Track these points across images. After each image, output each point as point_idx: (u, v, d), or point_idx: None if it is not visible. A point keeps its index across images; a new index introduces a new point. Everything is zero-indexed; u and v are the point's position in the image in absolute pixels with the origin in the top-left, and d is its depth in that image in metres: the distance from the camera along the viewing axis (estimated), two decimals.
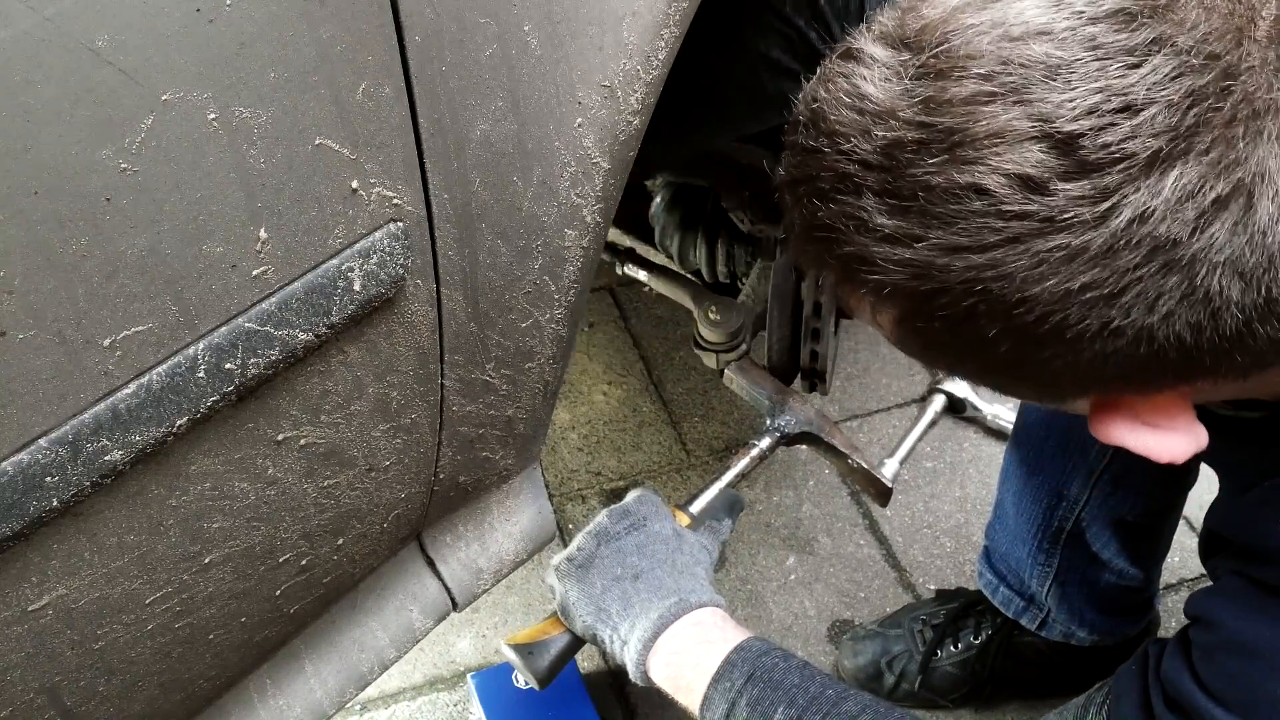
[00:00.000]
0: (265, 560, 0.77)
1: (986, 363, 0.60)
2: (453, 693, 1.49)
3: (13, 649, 0.63)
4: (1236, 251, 0.52)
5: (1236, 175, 0.51)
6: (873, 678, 1.49)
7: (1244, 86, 0.51)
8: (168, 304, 0.59)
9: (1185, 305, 0.53)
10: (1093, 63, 0.51)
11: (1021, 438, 1.33)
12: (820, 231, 0.59)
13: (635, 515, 1.02)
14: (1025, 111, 0.51)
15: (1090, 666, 1.40)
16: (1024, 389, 0.65)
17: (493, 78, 0.70)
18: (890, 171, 0.55)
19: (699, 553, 1.02)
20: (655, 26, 0.78)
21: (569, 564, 1.00)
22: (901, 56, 0.55)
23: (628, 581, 0.97)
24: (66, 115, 0.51)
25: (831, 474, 1.74)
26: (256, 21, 0.56)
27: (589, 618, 0.97)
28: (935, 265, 0.55)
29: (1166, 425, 0.62)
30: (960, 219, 0.53)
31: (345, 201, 0.65)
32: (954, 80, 0.53)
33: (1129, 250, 0.52)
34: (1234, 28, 0.51)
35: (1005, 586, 1.41)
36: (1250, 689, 0.69)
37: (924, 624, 1.50)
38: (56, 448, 0.57)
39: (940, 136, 0.53)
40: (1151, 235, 0.51)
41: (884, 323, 0.62)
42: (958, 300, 0.56)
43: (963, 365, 0.63)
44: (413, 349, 0.77)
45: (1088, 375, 0.57)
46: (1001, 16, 0.53)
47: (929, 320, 0.58)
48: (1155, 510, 1.27)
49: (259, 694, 0.90)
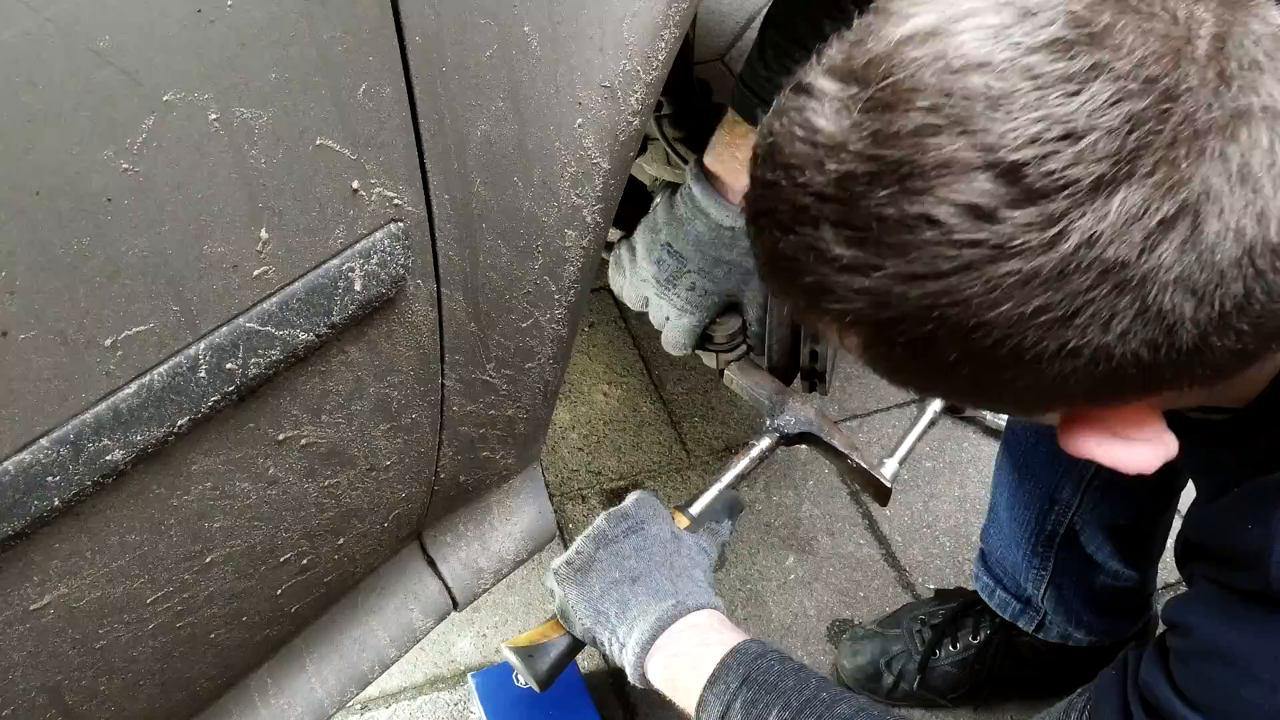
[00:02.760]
0: (266, 560, 0.77)
1: (952, 384, 0.61)
2: (453, 692, 1.49)
3: (14, 648, 0.63)
4: (1186, 270, 0.52)
5: (1181, 196, 0.52)
6: (872, 677, 1.49)
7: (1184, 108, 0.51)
8: (169, 304, 0.59)
9: (1139, 324, 0.54)
10: (1032, 92, 0.52)
11: (1012, 443, 1.33)
12: (783, 262, 0.61)
13: (634, 518, 1.03)
14: (970, 142, 0.52)
15: (1089, 666, 1.40)
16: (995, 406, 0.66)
17: (493, 78, 0.71)
18: (844, 203, 0.56)
19: (697, 555, 1.03)
20: (655, 27, 0.78)
21: (568, 567, 1.01)
22: (850, 90, 0.56)
23: (626, 585, 0.97)
24: (68, 116, 0.51)
25: (831, 474, 1.74)
26: (257, 22, 0.56)
27: (588, 621, 0.98)
28: (893, 293, 0.56)
29: (1136, 435, 0.63)
30: (914, 248, 0.55)
31: (346, 202, 0.65)
32: (900, 113, 0.54)
33: (1080, 273, 0.53)
34: (1172, 49, 0.52)
35: (1001, 589, 1.41)
36: (1225, 695, 0.70)
37: (923, 624, 1.50)
38: (58, 447, 0.57)
39: (890, 168, 0.54)
40: (1100, 259, 0.52)
41: (851, 347, 0.64)
42: (916, 326, 0.57)
43: (932, 387, 0.64)
44: (413, 349, 0.77)
45: (1051, 393, 0.58)
46: (943, 49, 0.54)
47: (891, 346, 0.59)
48: (1148, 514, 1.27)
49: (260, 693, 0.90)
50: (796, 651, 1.56)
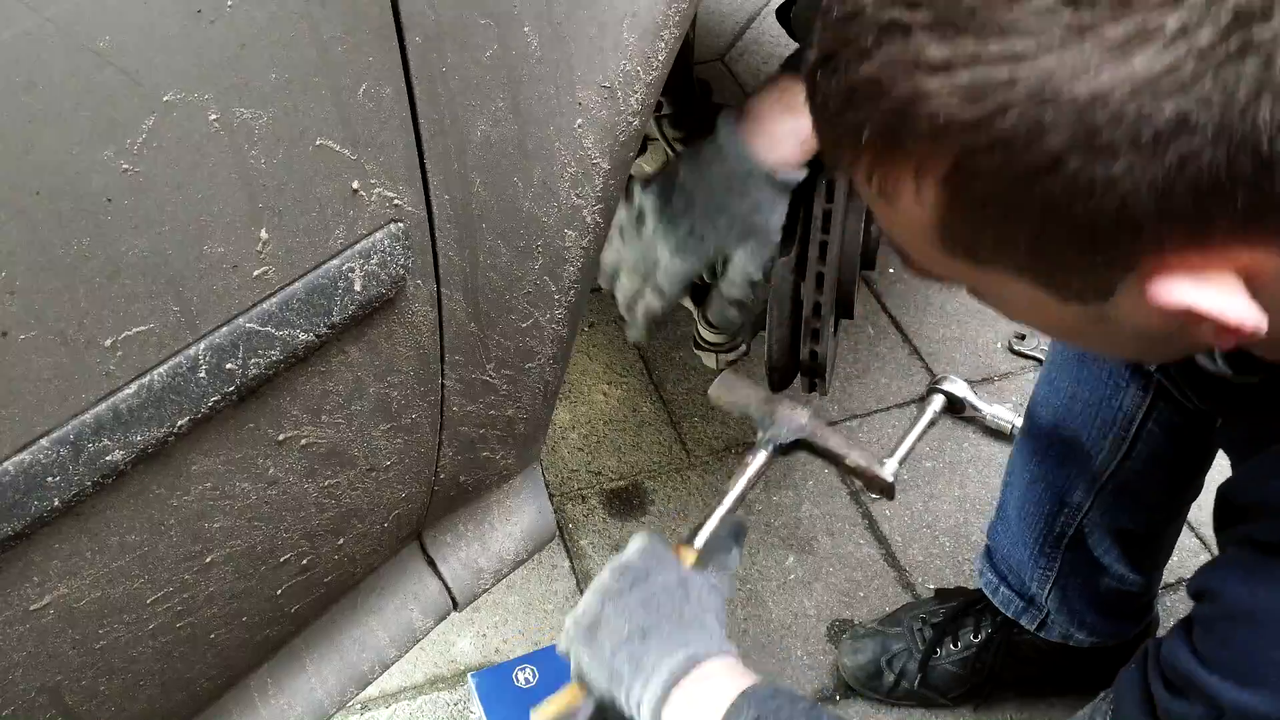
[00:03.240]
0: (266, 560, 0.77)
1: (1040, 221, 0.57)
2: (453, 692, 1.49)
3: (14, 648, 0.63)
4: None
5: None
6: (873, 676, 1.49)
7: None
8: (169, 304, 0.59)
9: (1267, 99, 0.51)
10: None
11: (1027, 441, 1.33)
12: (861, 91, 0.58)
13: (638, 568, 1.00)
14: None
15: (1089, 667, 1.40)
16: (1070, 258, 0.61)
17: (493, 78, 0.71)
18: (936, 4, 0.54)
19: (708, 597, 1.00)
20: (655, 27, 0.78)
21: (577, 627, 0.99)
22: None
23: (636, 641, 0.95)
24: (68, 116, 0.51)
25: (831, 474, 1.74)
26: (257, 22, 0.56)
27: (604, 683, 0.97)
28: (997, 81, 0.53)
29: (1231, 290, 0.58)
30: (1021, 23, 0.52)
31: (346, 202, 0.65)
32: None
33: (1203, 27, 0.50)
34: None
35: (1006, 587, 1.41)
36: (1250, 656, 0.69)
37: (924, 623, 1.50)
38: (58, 447, 0.57)
39: None
40: (1229, 7, 0.50)
41: (927, 198, 0.60)
42: (1024, 114, 0.54)
43: (1010, 227, 0.60)
44: (413, 349, 0.77)
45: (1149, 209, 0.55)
46: None
47: (988, 153, 0.56)
48: (1158, 520, 1.27)
49: (260, 693, 0.90)
50: (796, 651, 1.56)
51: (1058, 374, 1.25)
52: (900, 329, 1.97)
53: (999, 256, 0.62)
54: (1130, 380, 1.16)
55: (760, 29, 2.57)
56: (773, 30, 2.43)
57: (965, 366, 1.90)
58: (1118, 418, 1.19)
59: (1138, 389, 1.16)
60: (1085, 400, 1.21)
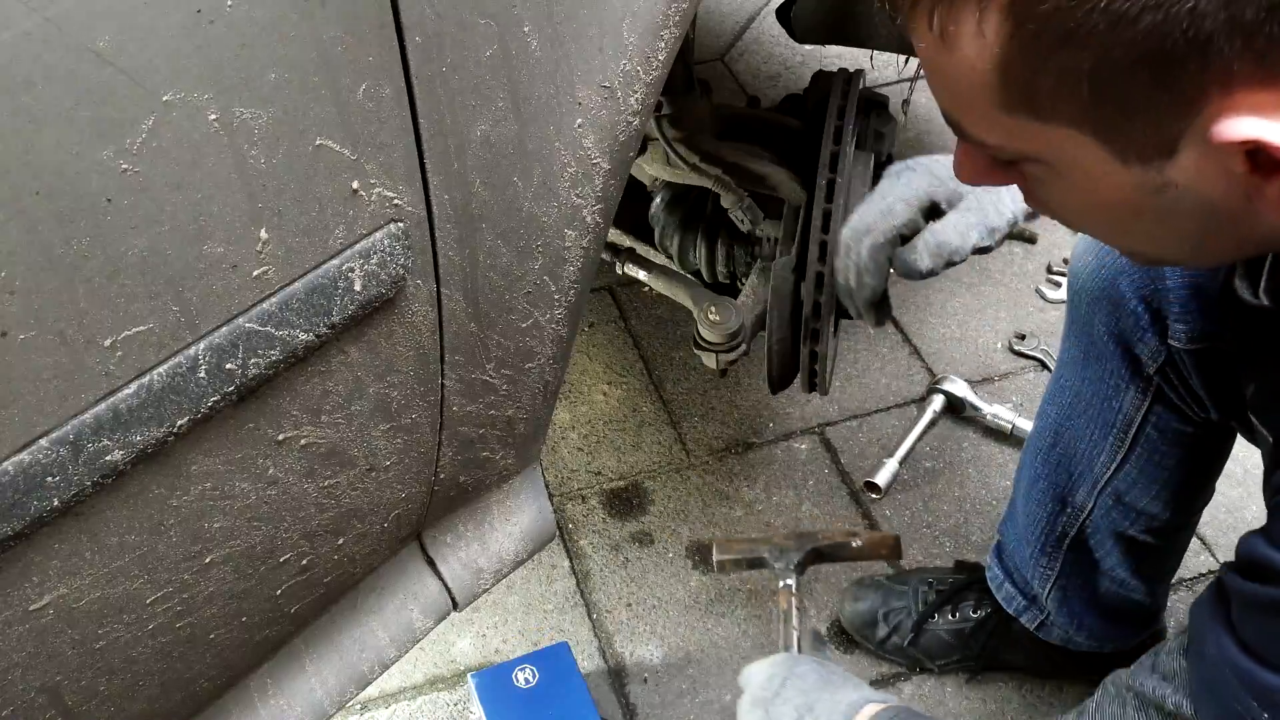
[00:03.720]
0: (266, 560, 0.77)
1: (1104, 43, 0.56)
2: (453, 692, 1.49)
3: (14, 648, 0.63)
4: None
5: None
6: (868, 624, 1.50)
7: None
8: (168, 304, 0.59)
9: None
10: None
11: (1034, 439, 1.33)
12: None
13: (779, 671, 1.11)
14: None
15: (1084, 667, 1.40)
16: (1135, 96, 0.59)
17: (493, 78, 0.71)
18: None
19: (837, 671, 1.12)
20: (655, 27, 0.78)
21: None
22: None
23: (807, 716, 1.05)
24: (67, 116, 0.51)
25: (831, 474, 1.74)
26: (257, 22, 0.56)
27: None
28: None
29: None
30: None
31: (346, 202, 0.65)
32: None
33: None
34: None
35: (1010, 583, 1.41)
36: None
37: (930, 586, 1.51)
38: (58, 447, 0.57)
39: None
40: None
41: (989, 29, 0.59)
42: None
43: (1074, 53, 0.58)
44: (413, 349, 0.77)
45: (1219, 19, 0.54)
46: None
47: None
48: (1161, 529, 1.26)
49: (259, 693, 0.90)
50: None
51: (1065, 371, 1.25)
52: (900, 329, 1.97)
53: (1059, 103, 0.60)
54: (1130, 382, 1.16)
55: (760, 29, 2.57)
56: (773, 30, 2.43)
57: (965, 366, 1.90)
58: (1117, 419, 1.19)
59: (1137, 391, 1.16)
60: (1088, 399, 1.21)
